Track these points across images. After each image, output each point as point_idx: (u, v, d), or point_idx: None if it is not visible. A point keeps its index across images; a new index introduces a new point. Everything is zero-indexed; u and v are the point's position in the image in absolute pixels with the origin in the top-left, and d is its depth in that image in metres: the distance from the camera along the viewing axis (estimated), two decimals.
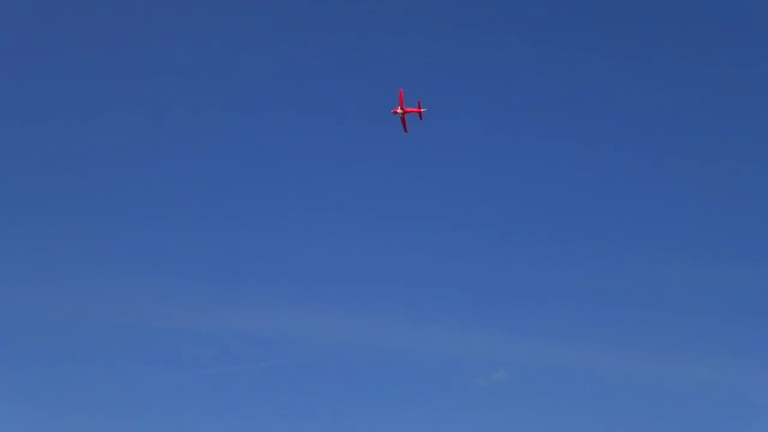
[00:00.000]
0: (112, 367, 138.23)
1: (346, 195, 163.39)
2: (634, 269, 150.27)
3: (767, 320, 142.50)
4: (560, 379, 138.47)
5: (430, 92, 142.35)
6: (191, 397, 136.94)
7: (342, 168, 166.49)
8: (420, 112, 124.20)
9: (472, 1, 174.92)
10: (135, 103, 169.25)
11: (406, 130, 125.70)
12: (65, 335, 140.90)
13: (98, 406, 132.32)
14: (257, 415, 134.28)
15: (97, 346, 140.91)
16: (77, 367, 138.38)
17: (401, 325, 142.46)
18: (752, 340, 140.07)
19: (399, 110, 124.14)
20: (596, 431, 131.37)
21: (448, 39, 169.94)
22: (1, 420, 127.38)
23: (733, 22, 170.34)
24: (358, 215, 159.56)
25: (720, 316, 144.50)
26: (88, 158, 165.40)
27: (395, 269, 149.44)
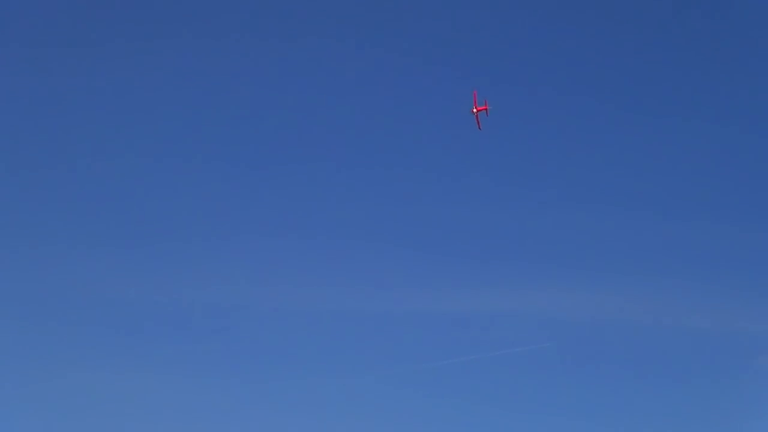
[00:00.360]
0: (361, 357, 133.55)
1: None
2: None
3: None
4: None
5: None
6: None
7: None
8: (486, 110, 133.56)
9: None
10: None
11: (480, 128, 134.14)
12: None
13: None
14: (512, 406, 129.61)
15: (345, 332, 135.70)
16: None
17: (679, 301, 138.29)
18: None
19: (474, 110, 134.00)
20: None
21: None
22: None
23: None
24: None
25: None
26: None
27: (676, 246, 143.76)
